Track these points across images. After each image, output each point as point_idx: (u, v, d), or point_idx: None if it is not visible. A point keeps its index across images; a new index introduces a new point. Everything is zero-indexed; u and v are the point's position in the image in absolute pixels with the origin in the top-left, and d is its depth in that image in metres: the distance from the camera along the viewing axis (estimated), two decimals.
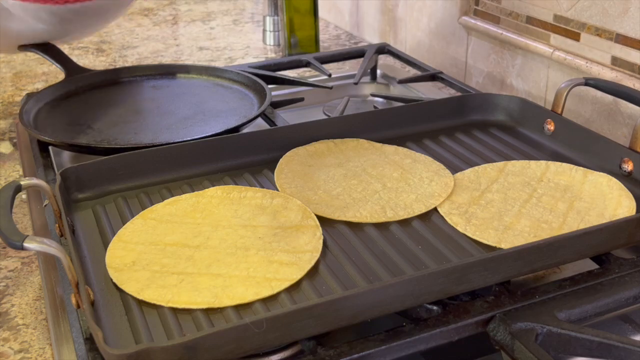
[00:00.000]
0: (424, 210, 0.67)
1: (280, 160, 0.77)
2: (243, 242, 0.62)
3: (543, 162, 0.75)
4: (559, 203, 0.67)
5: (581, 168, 0.73)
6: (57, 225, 0.63)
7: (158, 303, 0.54)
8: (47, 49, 1.05)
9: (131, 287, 0.56)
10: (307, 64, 1.10)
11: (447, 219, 0.65)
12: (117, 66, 1.28)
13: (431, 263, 0.59)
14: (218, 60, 1.29)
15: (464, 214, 0.66)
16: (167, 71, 1.05)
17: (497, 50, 1.04)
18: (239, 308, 0.54)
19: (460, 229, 0.64)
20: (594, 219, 0.64)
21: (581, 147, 0.77)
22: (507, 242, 0.61)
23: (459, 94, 0.97)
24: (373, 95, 1.06)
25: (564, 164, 0.74)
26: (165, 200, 0.69)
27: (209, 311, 0.53)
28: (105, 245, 0.62)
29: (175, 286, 0.56)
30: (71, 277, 0.52)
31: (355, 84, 1.05)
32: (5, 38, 0.97)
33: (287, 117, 0.93)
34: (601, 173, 0.72)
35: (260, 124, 0.92)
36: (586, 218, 0.64)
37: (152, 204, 0.69)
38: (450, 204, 0.68)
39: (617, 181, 0.70)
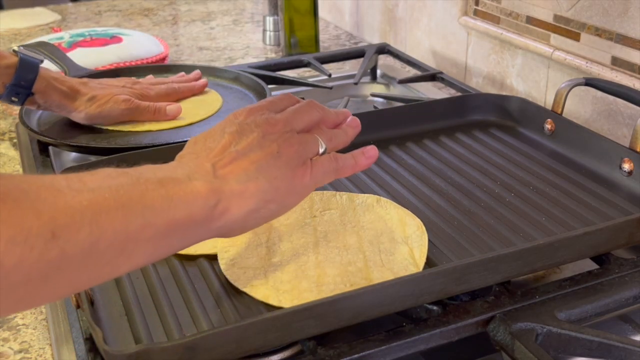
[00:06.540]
0: None
1: None
2: None
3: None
4: (347, 238, 0.61)
5: (345, 193, 0.68)
6: None
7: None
8: (48, 48, 1.05)
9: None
10: (307, 64, 1.10)
11: (254, 295, 0.55)
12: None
13: None
14: (218, 60, 1.29)
15: (267, 283, 0.56)
16: (167, 71, 1.05)
17: (497, 50, 1.04)
18: None
19: (273, 302, 0.54)
20: (389, 245, 0.60)
21: (581, 147, 0.77)
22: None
23: (459, 94, 0.97)
24: (373, 95, 1.06)
25: (325, 192, 0.68)
26: None
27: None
28: None
29: None
30: None
31: (355, 84, 1.05)
32: None
33: None
34: (367, 195, 0.68)
35: None
36: (381, 247, 0.60)
37: None
38: (241, 271, 0.58)
39: (386, 199, 0.67)
